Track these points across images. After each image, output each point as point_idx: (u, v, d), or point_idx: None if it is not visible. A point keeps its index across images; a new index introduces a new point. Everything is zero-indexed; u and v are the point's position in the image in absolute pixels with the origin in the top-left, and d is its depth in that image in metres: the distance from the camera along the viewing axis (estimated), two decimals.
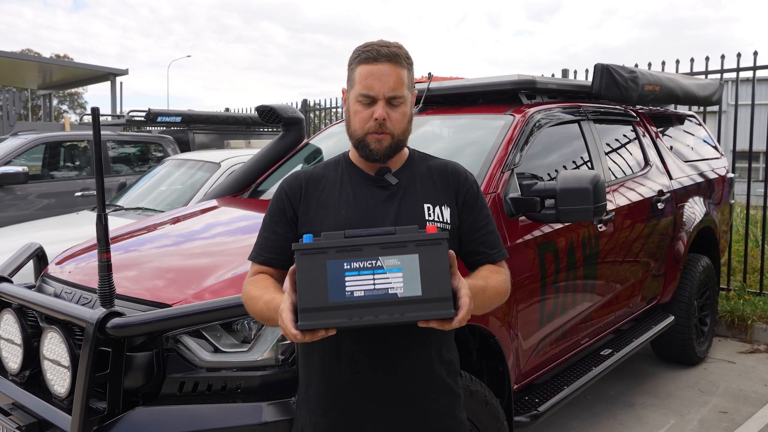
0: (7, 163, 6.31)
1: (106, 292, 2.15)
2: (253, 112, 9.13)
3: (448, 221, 1.60)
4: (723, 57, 5.63)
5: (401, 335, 1.53)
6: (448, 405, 1.61)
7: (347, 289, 1.30)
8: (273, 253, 1.63)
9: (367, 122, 1.56)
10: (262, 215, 1.71)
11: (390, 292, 1.30)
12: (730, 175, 5.25)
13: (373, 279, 1.31)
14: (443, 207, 1.61)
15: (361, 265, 1.31)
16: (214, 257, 2.61)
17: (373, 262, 1.31)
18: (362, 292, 1.30)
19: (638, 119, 4.32)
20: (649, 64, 5.74)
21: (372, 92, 1.55)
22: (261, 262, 1.64)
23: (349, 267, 1.32)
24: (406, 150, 1.70)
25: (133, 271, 2.56)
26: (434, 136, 3.55)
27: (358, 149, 1.60)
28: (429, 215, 1.58)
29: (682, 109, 5.55)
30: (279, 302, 1.41)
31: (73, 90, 41.63)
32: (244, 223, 3.11)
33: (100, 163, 2.14)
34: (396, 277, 1.31)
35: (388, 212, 1.57)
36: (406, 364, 1.55)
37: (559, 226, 3.03)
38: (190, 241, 2.95)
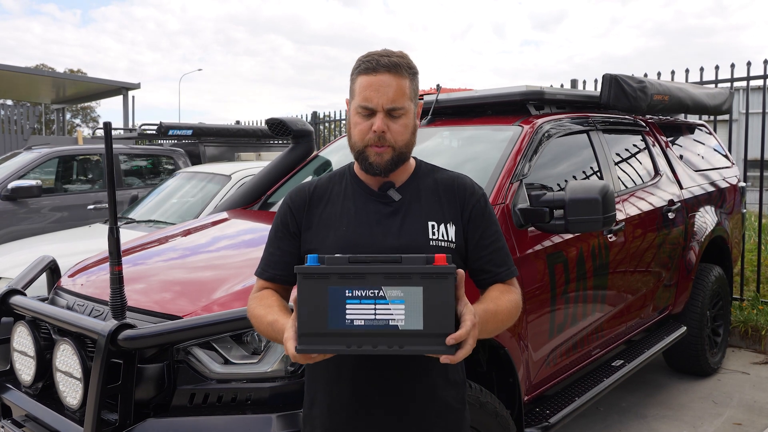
0: (21, 177, 6.39)
1: (118, 305, 2.17)
2: (263, 124, 9.19)
3: (453, 239, 1.54)
4: (733, 66, 5.61)
5: (404, 356, 1.52)
6: (452, 427, 1.58)
7: (347, 316, 1.28)
8: (278, 269, 1.62)
9: (366, 134, 1.52)
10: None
11: (391, 323, 1.27)
12: (742, 184, 5.22)
13: (375, 309, 1.28)
14: (448, 225, 1.55)
15: (363, 294, 1.29)
16: (224, 270, 2.62)
17: (376, 291, 1.29)
18: (362, 321, 1.28)
19: (648, 129, 4.31)
20: (659, 74, 5.73)
21: (371, 104, 1.51)
22: (266, 278, 1.63)
23: (350, 295, 1.29)
24: (412, 161, 1.66)
25: (144, 283, 2.58)
26: (443, 147, 3.56)
27: (359, 162, 1.57)
28: (433, 233, 1.53)
29: (693, 119, 5.53)
30: (282, 325, 1.42)
31: (85, 104, 42.06)
32: (252, 236, 3.14)
33: (112, 176, 2.16)
34: (398, 308, 1.28)
35: (389, 230, 1.53)
36: (409, 385, 1.53)
37: (568, 236, 3.02)
38: (200, 254, 2.97)
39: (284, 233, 1.62)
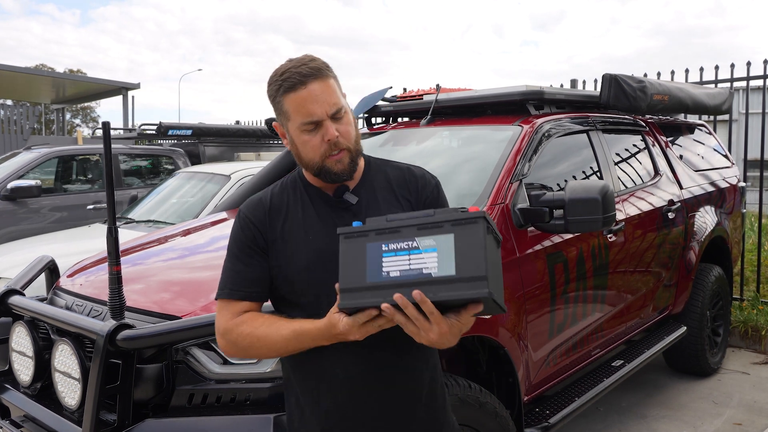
0: (20, 177, 6.38)
1: (117, 305, 2.17)
2: (262, 124, 9.19)
3: None
4: (733, 66, 5.61)
5: (392, 357, 1.52)
6: (439, 415, 1.62)
7: (384, 269, 1.32)
8: (253, 286, 1.53)
9: (320, 147, 1.48)
10: None
11: (425, 271, 1.30)
12: (742, 184, 5.22)
13: (409, 259, 1.31)
14: None
15: (398, 246, 1.33)
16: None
17: (410, 242, 1.32)
18: (398, 272, 1.31)
19: (647, 129, 4.31)
20: (659, 74, 5.73)
21: (315, 117, 1.46)
22: (240, 297, 1.53)
23: (386, 248, 1.33)
24: (361, 162, 1.63)
25: (142, 283, 2.58)
26: (442, 147, 3.55)
27: (321, 176, 1.52)
28: None
29: (692, 119, 5.53)
30: (311, 325, 1.39)
31: (85, 104, 42.07)
32: None
33: (110, 176, 2.16)
34: (431, 257, 1.31)
35: None
36: (397, 386, 1.54)
37: (568, 236, 3.02)
38: (199, 254, 2.97)
39: (252, 249, 1.54)
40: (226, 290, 1.54)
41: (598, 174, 3.55)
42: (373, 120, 4.50)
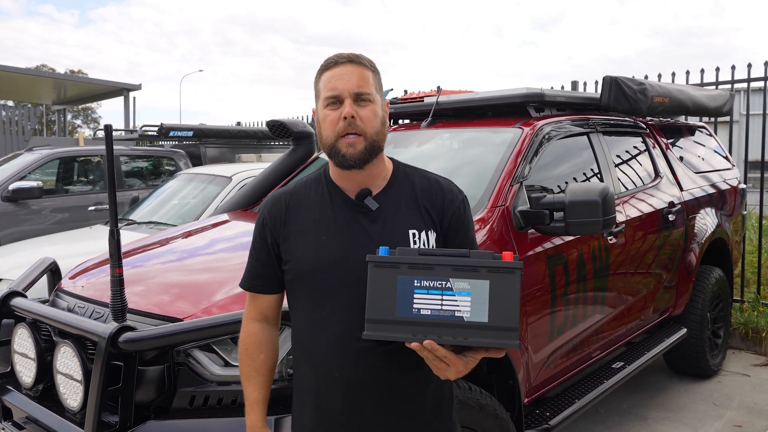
0: (22, 178, 6.40)
1: (118, 307, 2.17)
2: (263, 125, 9.20)
3: (434, 247, 1.53)
4: (733, 67, 5.61)
5: (396, 367, 1.51)
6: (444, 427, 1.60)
7: (415, 306, 1.32)
8: (261, 279, 1.63)
9: (336, 124, 1.49)
10: None
11: (456, 314, 1.30)
12: (742, 185, 5.22)
13: (441, 299, 1.31)
14: (429, 232, 1.53)
15: (431, 284, 1.32)
16: (223, 272, 2.62)
17: (444, 282, 1.32)
18: (429, 310, 1.31)
19: (648, 131, 4.31)
20: (659, 76, 5.74)
21: (336, 91, 1.49)
22: (249, 288, 1.66)
23: (419, 284, 1.33)
24: (389, 165, 1.63)
25: (144, 286, 2.58)
26: (443, 149, 3.56)
27: (332, 157, 1.52)
28: (414, 242, 1.50)
29: (693, 120, 5.53)
30: (250, 407, 1.66)
31: (86, 105, 42.07)
32: (251, 239, 3.13)
33: (112, 179, 2.17)
34: (464, 300, 1.31)
35: (370, 239, 1.49)
36: (400, 398, 1.53)
37: (569, 238, 3.02)
38: (200, 256, 2.97)
39: (262, 246, 1.62)
40: (243, 280, 1.67)
41: (599, 176, 3.55)
42: None
